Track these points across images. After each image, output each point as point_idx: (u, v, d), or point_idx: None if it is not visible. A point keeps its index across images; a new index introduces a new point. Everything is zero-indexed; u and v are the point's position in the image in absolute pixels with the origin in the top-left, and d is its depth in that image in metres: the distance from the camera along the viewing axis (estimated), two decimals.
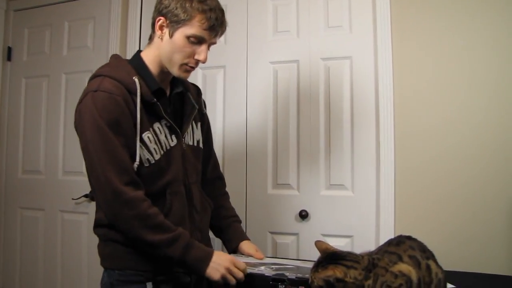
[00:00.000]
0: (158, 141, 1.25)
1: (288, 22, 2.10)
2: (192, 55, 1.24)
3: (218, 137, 2.16)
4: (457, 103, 1.81)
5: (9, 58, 2.67)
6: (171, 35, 1.22)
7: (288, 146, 2.06)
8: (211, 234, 1.53)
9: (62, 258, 2.45)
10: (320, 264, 1.02)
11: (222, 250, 1.52)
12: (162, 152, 1.25)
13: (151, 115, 1.24)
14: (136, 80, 1.20)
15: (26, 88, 2.63)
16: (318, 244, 1.10)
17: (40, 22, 2.61)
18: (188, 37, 1.20)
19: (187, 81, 1.44)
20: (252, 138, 2.12)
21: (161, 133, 1.26)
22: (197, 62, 1.26)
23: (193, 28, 1.20)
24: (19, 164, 2.61)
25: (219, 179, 1.60)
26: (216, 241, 2.13)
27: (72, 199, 2.39)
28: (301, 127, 2.04)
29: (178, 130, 1.31)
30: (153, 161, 1.23)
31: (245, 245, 1.45)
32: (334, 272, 0.96)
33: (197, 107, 1.40)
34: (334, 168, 1.98)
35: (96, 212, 1.30)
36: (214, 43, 1.28)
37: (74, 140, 2.41)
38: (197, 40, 1.22)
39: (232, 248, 1.49)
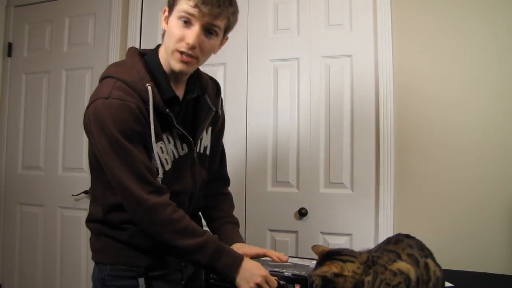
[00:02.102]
0: (166, 151, 1.17)
1: (288, 20, 2.10)
2: (182, 38, 1.09)
3: None
4: (457, 101, 1.81)
5: (9, 54, 2.67)
6: (167, 23, 1.13)
7: (288, 144, 2.06)
8: None
9: (61, 254, 2.45)
10: (318, 264, 1.02)
11: None
12: (170, 163, 1.19)
13: (163, 124, 1.15)
14: (149, 87, 1.10)
15: (27, 84, 2.63)
16: (314, 248, 1.10)
17: (41, 18, 2.61)
18: (178, 18, 1.08)
19: (206, 78, 1.31)
20: (252, 136, 2.12)
21: (169, 142, 1.18)
22: (189, 47, 1.09)
23: (181, 6, 1.08)
24: (19, 160, 2.62)
25: (222, 179, 1.47)
26: None
27: (72, 195, 2.39)
28: (301, 125, 2.04)
29: (191, 138, 1.22)
30: (163, 172, 1.17)
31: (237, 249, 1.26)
32: (330, 267, 0.96)
33: (214, 109, 1.29)
34: (333, 166, 1.99)
35: (91, 205, 1.27)
36: (214, 25, 1.10)
37: (74, 136, 2.44)
38: (186, 19, 1.08)
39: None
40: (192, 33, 1.08)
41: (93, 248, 1.28)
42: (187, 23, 1.08)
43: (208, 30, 1.11)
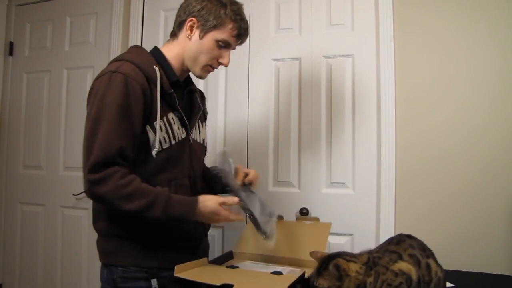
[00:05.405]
0: (171, 130, 1.26)
1: (290, 20, 2.10)
2: (216, 57, 1.32)
3: (219, 134, 2.16)
4: (459, 102, 1.81)
5: (10, 53, 2.67)
6: (201, 37, 1.28)
7: (289, 144, 2.06)
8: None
9: (62, 254, 2.45)
10: (321, 268, 1.01)
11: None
12: (173, 142, 1.27)
13: (166, 105, 1.26)
14: (157, 69, 1.24)
15: (28, 83, 2.63)
16: (312, 254, 1.10)
17: (42, 17, 2.61)
18: (217, 41, 1.29)
19: (194, 84, 1.49)
20: (253, 135, 2.12)
21: (174, 123, 1.28)
22: (219, 64, 1.34)
23: (224, 34, 1.28)
24: (20, 159, 2.61)
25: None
26: (216, 243, 2.14)
27: (73, 194, 2.39)
28: (303, 125, 2.04)
29: (188, 124, 1.33)
30: (160, 149, 1.24)
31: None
32: (338, 261, 0.95)
33: (202, 108, 1.46)
34: (335, 166, 1.98)
35: (93, 205, 1.29)
36: (234, 49, 1.37)
37: (75, 135, 2.44)
38: (224, 45, 1.30)
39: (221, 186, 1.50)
40: (227, 57, 1.33)
41: (102, 250, 1.28)
42: (223, 46, 1.30)
43: None
